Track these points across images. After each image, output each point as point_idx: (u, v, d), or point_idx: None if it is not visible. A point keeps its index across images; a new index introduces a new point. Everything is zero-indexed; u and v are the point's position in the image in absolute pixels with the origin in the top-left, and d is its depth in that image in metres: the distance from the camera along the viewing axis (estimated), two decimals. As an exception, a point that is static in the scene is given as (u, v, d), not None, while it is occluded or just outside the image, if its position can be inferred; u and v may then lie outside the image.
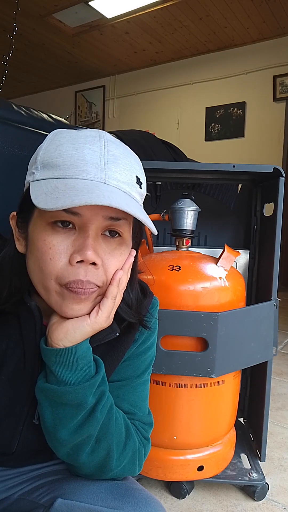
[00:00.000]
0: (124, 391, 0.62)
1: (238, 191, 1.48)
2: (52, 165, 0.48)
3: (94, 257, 0.47)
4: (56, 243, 0.48)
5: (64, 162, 0.47)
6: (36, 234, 0.49)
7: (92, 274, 0.48)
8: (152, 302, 0.66)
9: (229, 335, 0.96)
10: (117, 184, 0.48)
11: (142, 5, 3.78)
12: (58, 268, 0.48)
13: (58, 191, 0.45)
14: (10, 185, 1.10)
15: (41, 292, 0.51)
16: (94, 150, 0.48)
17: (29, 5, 3.81)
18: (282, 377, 1.94)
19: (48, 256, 0.48)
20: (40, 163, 0.50)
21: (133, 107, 5.48)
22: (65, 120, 1.44)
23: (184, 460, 1.02)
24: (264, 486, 1.07)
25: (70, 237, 0.48)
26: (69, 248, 0.48)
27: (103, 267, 0.50)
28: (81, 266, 0.48)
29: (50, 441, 0.54)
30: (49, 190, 0.46)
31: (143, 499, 0.53)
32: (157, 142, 2.27)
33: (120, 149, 0.51)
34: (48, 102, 6.21)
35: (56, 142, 0.49)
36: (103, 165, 0.47)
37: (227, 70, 4.65)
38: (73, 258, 0.47)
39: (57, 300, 0.50)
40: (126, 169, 0.50)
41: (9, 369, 0.56)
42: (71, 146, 0.48)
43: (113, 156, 0.49)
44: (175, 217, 1.08)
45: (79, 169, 0.47)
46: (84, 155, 0.47)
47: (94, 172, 0.47)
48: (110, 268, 0.51)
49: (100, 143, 0.49)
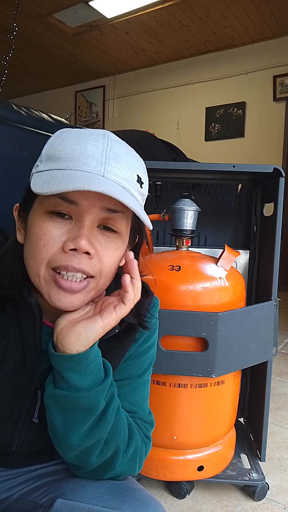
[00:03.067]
0: (126, 391, 0.62)
1: (238, 191, 1.48)
2: (55, 158, 0.49)
3: (87, 246, 0.48)
4: (51, 229, 0.48)
5: (67, 155, 0.48)
6: (33, 221, 0.50)
7: (85, 263, 0.49)
8: (153, 302, 0.66)
9: (229, 335, 0.96)
10: (116, 179, 0.49)
11: (142, 5, 3.78)
12: (51, 254, 0.48)
13: (56, 179, 0.46)
14: (10, 185, 1.10)
15: (33, 279, 0.51)
16: (96, 146, 0.49)
17: (29, 5, 3.81)
18: (282, 377, 1.94)
19: (42, 241, 0.48)
20: (44, 156, 0.51)
21: (133, 107, 5.48)
22: (65, 120, 1.44)
23: (184, 460, 1.02)
24: (264, 486, 1.07)
25: (66, 226, 0.49)
26: (63, 235, 0.48)
27: (98, 257, 0.50)
28: (75, 254, 0.48)
29: (60, 446, 0.54)
30: (48, 179, 0.47)
31: (143, 499, 0.53)
32: (157, 142, 2.27)
33: (123, 148, 0.52)
34: (48, 102, 6.21)
35: (62, 138, 0.51)
36: (104, 160, 0.48)
37: (227, 70, 4.65)
38: (66, 245, 0.48)
39: (45, 288, 0.50)
40: (127, 167, 0.50)
41: (9, 367, 0.56)
42: (75, 141, 0.49)
43: (115, 153, 0.49)
44: (175, 217, 1.08)
45: (79, 162, 0.48)
46: (86, 150, 0.48)
47: (93, 165, 0.48)
48: (105, 259, 0.51)
49: (103, 140, 0.50)
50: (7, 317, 0.56)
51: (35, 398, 0.57)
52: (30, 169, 0.53)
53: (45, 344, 0.57)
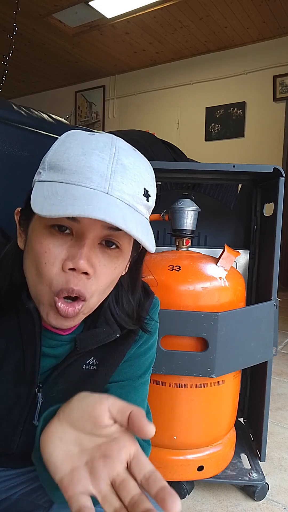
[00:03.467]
0: (126, 391, 0.62)
1: (238, 191, 1.48)
2: (58, 168, 0.47)
3: (86, 266, 0.46)
4: (52, 247, 0.47)
5: (70, 167, 0.46)
6: (34, 235, 0.49)
7: (82, 284, 0.48)
8: (153, 303, 0.65)
9: (229, 335, 0.96)
10: (121, 195, 0.47)
11: (142, 5, 3.78)
12: (53, 274, 0.47)
13: (57, 196, 0.44)
14: (10, 185, 1.10)
15: (32, 293, 0.51)
16: (103, 158, 0.46)
17: (29, 5, 3.81)
18: (282, 377, 1.94)
19: (44, 259, 0.47)
20: (47, 163, 0.49)
21: (133, 107, 5.48)
22: (65, 120, 1.44)
23: (184, 460, 1.02)
24: (264, 486, 1.07)
25: (67, 242, 0.48)
26: (63, 253, 0.47)
27: (95, 277, 0.49)
28: (73, 274, 0.47)
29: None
30: (48, 195, 0.45)
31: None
32: (157, 142, 2.27)
33: (131, 158, 0.49)
34: (48, 102, 6.21)
35: (66, 145, 0.48)
36: (109, 174, 0.46)
37: (227, 70, 4.65)
38: (65, 264, 0.47)
39: (45, 308, 0.49)
40: (134, 180, 0.48)
41: (9, 369, 0.56)
42: (80, 151, 0.47)
43: (121, 166, 0.47)
44: (175, 217, 1.08)
45: (83, 176, 0.46)
46: (91, 162, 0.46)
47: (98, 181, 0.45)
48: (101, 279, 0.49)
49: (110, 150, 0.47)
50: (7, 319, 0.56)
51: (35, 400, 0.57)
52: (30, 169, 0.53)
53: (44, 347, 0.57)
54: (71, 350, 0.58)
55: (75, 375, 0.58)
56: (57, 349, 0.58)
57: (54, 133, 1.19)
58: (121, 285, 0.60)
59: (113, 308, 0.59)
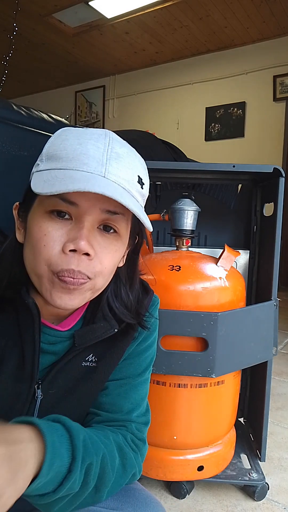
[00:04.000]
0: (126, 390, 0.62)
1: (238, 191, 1.48)
2: (55, 157, 0.49)
3: (87, 247, 0.48)
4: (51, 230, 0.48)
5: (67, 155, 0.48)
6: (33, 221, 0.50)
7: (84, 265, 0.49)
8: (152, 300, 0.66)
9: (229, 335, 0.96)
10: (117, 179, 0.49)
11: (142, 5, 3.78)
12: (52, 255, 0.48)
13: (56, 179, 0.46)
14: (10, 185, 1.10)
15: (33, 279, 0.51)
16: (98, 146, 0.49)
17: (29, 5, 3.81)
18: (282, 377, 1.94)
19: (42, 242, 0.48)
20: (45, 155, 0.51)
21: (133, 107, 5.48)
22: (65, 120, 1.44)
23: (184, 460, 1.02)
24: (264, 486, 1.07)
25: (66, 226, 0.49)
26: (63, 236, 0.48)
27: (97, 258, 0.50)
28: (74, 256, 0.48)
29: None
30: (48, 178, 0.47)
31: (143, 500, 0.53)
32: (157, 142, 2.27)
33: (125, 148, 0.51)
34: (48, 102, 6.21)
35: (63, 137, 0.51)
36: (105, 160, 0.48)
37: (227, 70, 4.65)
38: (66, 246, 0.48)
39: (47, 287, 0.50)
40: (128, 168, 0.50)
41: (8, 366, 0.56)
42: (76, 141, 0.49)
43: (116, 154, 0.49)
44: (175, 217, 1.08)
45: (80, 162, 0.48)
46: (87, 150, 0.48)
47: (94, 166, 0.48)
48: (104, 260, 0.51)
49: (105, 140, 0.50)
50: (6, 316, 0.56)
51: (34, 397, 0.57)
52: (30, 169, 0.53)
53: (44, 343, 0.57)
54: (70, 346, 0.58)
55: (74, 371, 0.58)
56: (56, 345, 0.58)
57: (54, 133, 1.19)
58: (119, 278, 0.60)
59: (112, 301, 0.60)
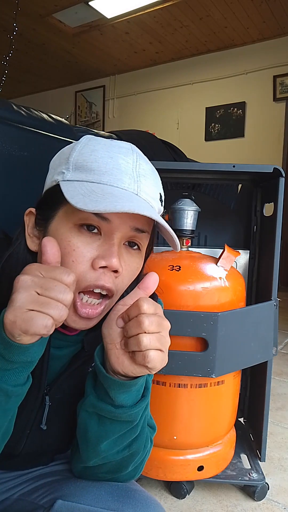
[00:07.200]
0: None
1: (238, 191, 1.48)
2: (86, 169, 0.48)
3: (118, 264, 0.47)
4: (81, 246, 0.48)
5: (99, 168, 0.48)
6: (59, 234, 0.49)
7: (112, 282, 0.49)
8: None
9: (229, 335, 0.96)
10: (147, 198, 0.49)
11: (142, 5, 3.78)
12: (80, 271, 0.47)
13: (96, 194, 0.45)
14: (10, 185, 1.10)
15: None
16: (127, 162, 0.49)
17: (29, 5, 3.81)
18: (282, 377, 1.94)
19: (71, 257, 0.47)
20: (72, 164, 0.50)
21: (133, 107, 5.48)
22: (65, 120, 1.44)
23: (184, 460, 1.02)
24: (264, 486, 1.07)
25: (95, 241, 0.48)
26: (92, 252, 0.48)
27: (121, 276, 0.50)
28: (104, 272, 0.48)
29: (87, 452, 0.54)
30: (86, 192, 0.46)
31: (143, 500, 0.53)
32: (157, 142, 2.27)
33: (149, 165, 0.53)
34: (48, 102, 6.21)
35: (91, 147, 0.50)
36: (136, 177, 0.49)
37: (227, 70, 4.65)
38: (96, 262, 0.47)
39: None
40: (153, 185, 0.51)
41: None
42: (106, 154, 0.49)
43: (144, 170, 0.50)
44: (175, 217, 1.08)
45: (114, 177, 0.48)
46: (119, 164, 0.48)
47: (128, 182, 0.48)
48: (126, 277, 0.51)
49: (133, 156, 0.50)
50: None
51: (43, 404, 0.57)
52: (30, 169, 0.53)
53: (53, 348, 0.56)
54: (77, 351, 0.58)
55: (81, 376, 0.58)
56: (62, 350, 0.58)
57: (54, 133, 1.19)
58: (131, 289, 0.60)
59: None
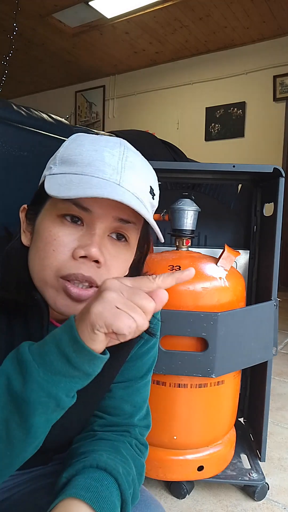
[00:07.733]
0: (128, 392, 0.61)
1: (238, 191, 1.48)
2: (70, 162, 0.49)
3: (98, 254, 0.47)
4: (62, 235, 0.48)
5: (83, 160, 0.48)
6: (43, 224, 0.50)
7: (93, 271, 0.48)
8: None
9: (229, 335, 0.96)
10: (131, 188, 0.49)
11: (142, 5, 3.78)
12: (60, 261, 0.47)
13: (72, 183, 0.46)
14: (9, 185, 1.10)
15: (37, 284, 0.50)
16: (113, 154, 0.49)
17: (29, 5, 3.81)
18: (282, 377, 1.94)
19: (52, 247, 0.47)
20: (59, 159, 0.51)
21: (133, 107, 5.48)
22: (65, 120, 1.44)
23: (184, 460, 1.02)
24: (264, 486, 1.07)
25: (77, 232, 0.48)
26: (74, 242, 0.48)
27: (106, 267, 0.49)
28: (84, 262, 0.47)
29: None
30: (64, 182, 0.47)
31: (143, 501, 0.53)
32: (157, 142, 2.27)
33: (138, 158, 0.52)
34: (48, 102, 6.21)
35: (78, 142, 0.51)
36: (120, 168, 0.48)
37: (227, 70, 4.65)
38: (76, 252, 0.47)
39: (51, 295, 0.49)
40: (141, 177, 0.51)
41: None
42: (91, 147, 0.49)
43: (130, 163, 0.50)
44: (175, 217, 1.08)
45: (95, 168, 0.48)
46: (103, 157, 0.48)
47: (110, 173, 0.48)
48: (112, 269, 0.50)
49: (120, 149, 0.50)
50: (14, 316, 0.55)
51: None
52: (30, 169, 0.53)
53: None
54: None
55: None
56: None
57: (54, 133, 1.19)
58: None
59: None
